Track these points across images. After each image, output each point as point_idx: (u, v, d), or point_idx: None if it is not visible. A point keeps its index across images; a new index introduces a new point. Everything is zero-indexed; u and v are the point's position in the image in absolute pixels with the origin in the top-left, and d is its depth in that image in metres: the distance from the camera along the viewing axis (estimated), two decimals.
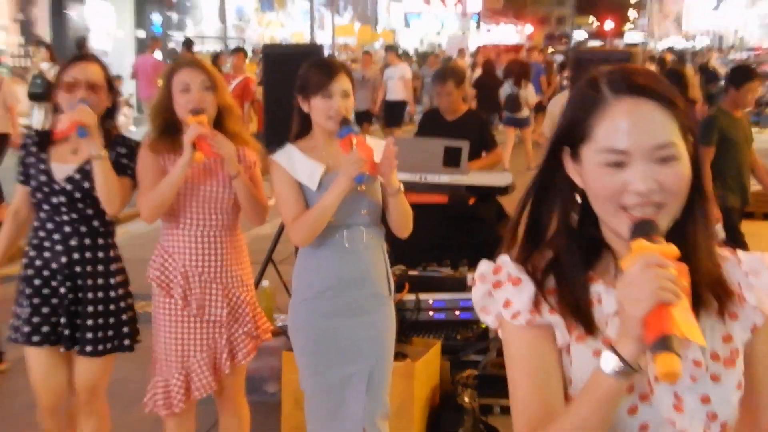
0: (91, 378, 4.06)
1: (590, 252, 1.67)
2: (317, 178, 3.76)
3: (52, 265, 3.99)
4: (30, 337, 4.01)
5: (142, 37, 22.79)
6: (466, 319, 5.80)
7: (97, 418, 4.16)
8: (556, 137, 1.67)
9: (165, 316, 4.00)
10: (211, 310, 3.98)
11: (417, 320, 5.65)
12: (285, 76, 6.72)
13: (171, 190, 3.82)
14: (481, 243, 6.58)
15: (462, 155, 6.28)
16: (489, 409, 5.50)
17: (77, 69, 3.98)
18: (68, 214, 3.97)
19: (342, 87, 3.76)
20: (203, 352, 3.99)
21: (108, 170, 3.87)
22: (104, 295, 4.03)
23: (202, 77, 3.92)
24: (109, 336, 4.03)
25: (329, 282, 3.83)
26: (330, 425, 3.89)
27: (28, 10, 20.35)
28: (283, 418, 5.19)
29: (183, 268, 3.96)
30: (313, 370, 3.91)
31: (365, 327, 3.85)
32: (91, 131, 3.80)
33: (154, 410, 4.05)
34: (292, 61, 6.82)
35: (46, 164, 3.98)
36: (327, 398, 3.90)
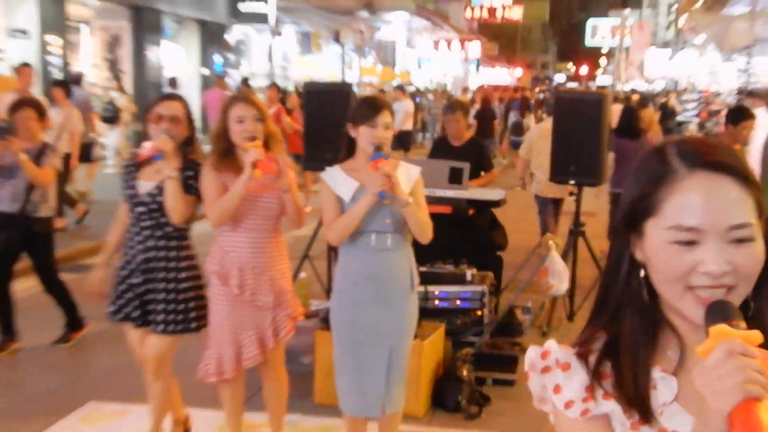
0: (158, 351, 4.10)
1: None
2: (351, 193, 3.81)
3: (136, 260, 4.08)
4: (114, 315, 4.18)
5: (205, 74, 22.84)
6: (465, 307, 5.91)
7: (162, 382, 4.16)
8: (622, 213, 1.29)
9: (221, 301, 3.99)
10: (260, 296, 3.98)
11: (425, 308, 5.61)
12: (321, 107, 6.75)
13: (236, 200, 3.84)
14: (478, 246, 6.61)
15: (463, 175, 6.38)
16: (483, 380, 5.48)
17: (163, 106, 4.14)
18: (147, 221, 4.06)
19: (384, 120, 3.82)
20: (252, 330, 3.99)
21: (176, 188, 3.94)
22: (174, 286, 4.07)
23: (254, 111, 3.96)
24: (177, 320, 4.07)
25: (359, 276, 3.86)
26: (356, 393, 3.89)
27: (115, 51, 20.44)
28: (316, 385, 5.20)
29: (239, 263, 3.96)
30: (344, 347, 3.93)
31: (387, 314, 3.86)
32: (167, 155, 3.89)
33: (205, 378, 4.06)
34: (327, 96, 6.88)
35: (135, 181, 4.10)
36: (353, 370, 3.89)
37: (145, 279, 4.06)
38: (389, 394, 3.88)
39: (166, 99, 4.27)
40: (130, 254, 4.11)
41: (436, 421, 5.00)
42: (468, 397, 5.13)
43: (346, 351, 3.91)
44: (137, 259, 4.07)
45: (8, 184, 5.58)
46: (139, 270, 4.07)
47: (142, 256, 4.06)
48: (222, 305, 3.99)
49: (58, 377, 5.65)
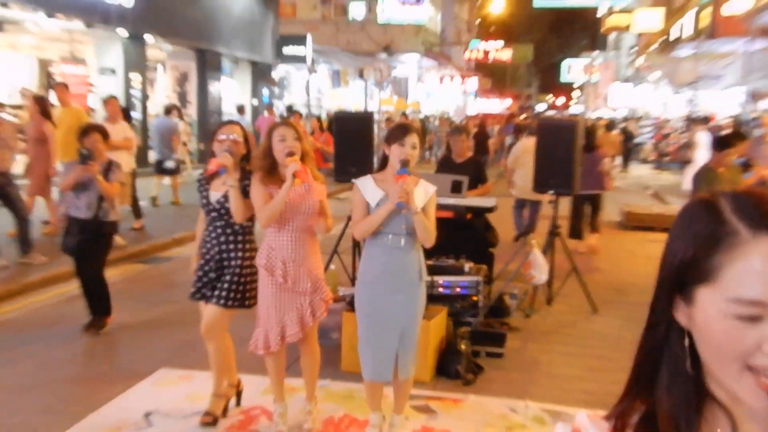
0: (213, 319, 4.12)
1: None
2: (377, 200, 3.79)
3: (211, 252, 4.15)
4: (194, 295, 4.24)
5: (255, 104, 22.94)
6: (464, 294, 5.91)
7: (217, 346, 4.19)
8: (667, 273, 0.92)
9: (269, 288, 3.98)
10: (301, 284, 3.97)
11: (431, 294, 5.60)
12: (348, 131, 6.75)
13: (280, 205, 3.84)
14: (474, 244, 6.59)
15: (463, 186, 6.35)
16: (477, 353, 5.45)
17: (225, 129, 4.21)
18: (218, 222, 4.14)
19: (412, 141, 3.80)
20: (294, 311, 3.98)
21: (237, 195, 3.99)
22: (239, 271, 4.11)
23: (293, 132, 3.97)
24: (237, 297, 4.10)
25: (378, 270, 3.84)
26: (375, 362, 3.88)
27: (183, 86, 20.57)
28: (343, 356, 5.19)
29: (282, 258, 3.95)
30: (365, 326, 3.91)
31: (400, 301, 3.83)
32: (228, 170, 3.97)
33: (254, 351, 4.05)
34: (353, 122, 6.90)
35: (207, 192, 4.17)
36: (373, 345, 3.88)
37: (218, 267, 4.12)
38: (402, 364, 3.86)
39: (228, 124, 4.32)
40: (207, 248, 4.17)
41: (440, 386, 4.97)
42: (465, 366, 5.11)
43: (367, 329, 3.89)
44: (212, 251, 4.13)
45: (84, 196, 5.64)
46: (213, 260, 4.13)
47: (216, 249, 4.12)
48: (269, 292, 3.98)
49: (134, 350, 5.66)
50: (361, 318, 3.93)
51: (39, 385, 4.87)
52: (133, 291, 7.42)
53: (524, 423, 4.42)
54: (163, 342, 5.70)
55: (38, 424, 4.24)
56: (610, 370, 5.44)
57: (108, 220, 5.78)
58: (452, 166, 7.06)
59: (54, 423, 4.22)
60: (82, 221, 5.67)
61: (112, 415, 4.38)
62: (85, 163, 5.52)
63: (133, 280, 7.88)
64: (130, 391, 4.74)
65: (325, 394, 4.68)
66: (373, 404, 4.05)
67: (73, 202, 5.69)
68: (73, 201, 5.69)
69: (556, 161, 6.86)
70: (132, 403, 4.56)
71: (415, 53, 37.28)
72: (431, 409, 4.56)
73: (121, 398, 4.63)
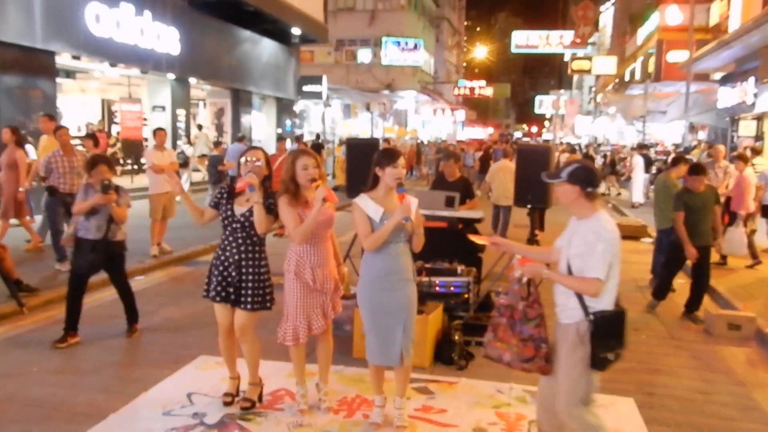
0: (244, 322, 4.01)
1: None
2: (379, 216, 3.69)
3: (230, 259, 3.96)
4: (215, 298, 4.03)
5: (279, 132, 22.95)
6: (457, 292, 5.81)
7: (248, 342, 4.08)
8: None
9: (297, 289, 3.89)
10: (325, 285, 3.92)
11: (429, 292, 5.56)
12: (358, 155, 6.69)
13: (313, 224, 3.78)
14: (465, 250, 6.46)
15: (455, 201, 6.27)
16: (469, 343, 5.33)
17: (250, 153, 4.02)
18: (240, 233, 3.96)
19: (401, 162, 3.74)
20: (319, 308, 3.92)
21: (261, 211, 3.86)
22: (259, 277, 3.98)
23: (313, 161, 3.89)
24: (259, 300, 3.98)
25: (381, 272, 3.75)
26: (380, 351, 3.80)
27: (220, 118, 20.61)
28: (354, 345, 5.10)
29: (310, 264, 3.88)
30: (369, 321, 3.82)
31: (399, 297, 3.74)
32: (255, 188, 3.82)
33: (283, 342, 3.96)
34: (361, 147, 6.83)
35: (231, 206, 3.98)
36: (377, 336, 3.79)
37: (238, 272, 3.96)
38: (407, 350, 3.78)
39: (252, 149, 4.11)
40: (226, 255, 3.98)
41: (437, 371, 4.87)
42: (459, 354, 5.03)
43: (373, 322, 3.79)
44: (233, 258, 3.94)
45: (93, 219, 5.28)
46: (233, 265, 3.95)
47: (237, 256, 3.94)
48: (298, 293, 3.89)
49: (179, 339, 5.58)
50: (365, 313, 3.83)
51: (99, 369, 4.80)
52: (178, 289, 7.34)
53: (509, 402, 4.33)
54: (203, 332, 5.61)
55: (99, 401, 4.17)
56: None
57: (116, 240, 5.42)
58: (445, 185, 7.03)
59: (111, 401, 4.15)
60: (92, 242, 5.29)
61: (160, 394, 4.30)
62: (106, 193, 5.15)
63: (178, 280, 7.81)
64: (176, 375, 4.66)
65: (339, 377, 4.59)
66: (377, 388, 3.96)
67: (83, 225, 5.30)
68: (83, 223, 5.30)
69: (532, 180, 6.78)
70: (177, 384, 4.49)
71: (412, 90, 37.42)
72: (429, 390, 4.47)
73: (167, 380, 4.55)
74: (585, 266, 3.03)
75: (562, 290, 3.18)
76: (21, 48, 11.51)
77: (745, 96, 16.15)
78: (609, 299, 3.10)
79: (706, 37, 21.34)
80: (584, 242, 3.04)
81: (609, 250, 3.02)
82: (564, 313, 3.18)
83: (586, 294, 3.07)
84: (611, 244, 3.04)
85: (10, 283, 6.12)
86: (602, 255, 3.00)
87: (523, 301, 3.25)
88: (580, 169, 3.14)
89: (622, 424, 4.04)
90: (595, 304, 3.08)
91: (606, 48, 46.21)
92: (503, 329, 3.30)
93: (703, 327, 6.30)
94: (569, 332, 3.13)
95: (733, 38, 15.35)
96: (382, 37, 35.29)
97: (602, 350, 3.08)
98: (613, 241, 3.05)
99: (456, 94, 48.92)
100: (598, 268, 3.00)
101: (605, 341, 3.07)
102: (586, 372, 3.13)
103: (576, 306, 3.11)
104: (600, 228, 3.06)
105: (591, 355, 3.09)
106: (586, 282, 3.03)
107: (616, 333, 3.11)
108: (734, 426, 4.15)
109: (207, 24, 17.68)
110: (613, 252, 3.05)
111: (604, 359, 3.09)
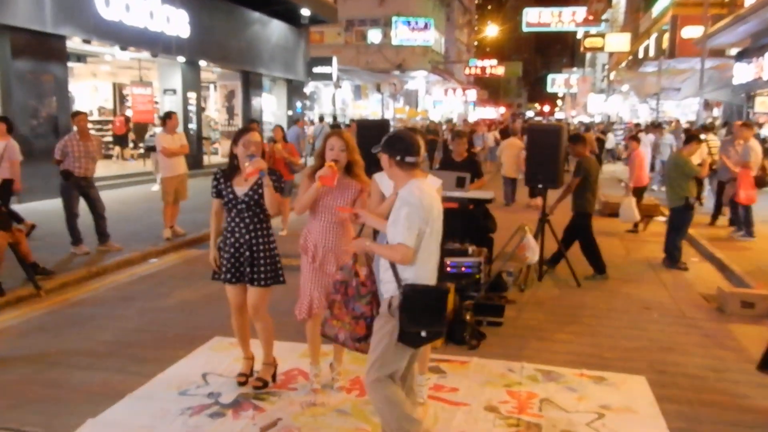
0: (257, 300, 4.03)
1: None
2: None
3: (240, 240, 3.95)
4: (230, 279, 4.03)
5: (290, 114, 22.90)
6: (468, 272, 5.80)
7: (262, 321, 4.11)
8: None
9: (304, 266, 3.95)
10: (327, 267, 3.90)
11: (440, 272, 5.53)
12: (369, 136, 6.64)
13: (307, 198, 3.81)
14: (476, 230, 6.48)
15: (466, 181, 6.21)
16: (480, 322, 5.37)
17: (246, 137, 3.92)
18: (247, 212, 3.93)
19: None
20: (322, 288, 3.91)
21: (272, 191, 3.84)
22: (269, 254, 3.99)
23: (340, 143, 3.85)
24: (271, 276, 4.00)
25: None
26: None
27: (231, 101, 20.57)
28: None
29: (314, 242, 3.90)
30: None
31: None
32: (265, 171, 3.80)
33: (300, 315, 3.98)
34: (373, 127, 6.78)
35: (232, 188, 3.94)
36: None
37: (250, 251, 3.95)
38: None
39: (249, 131, 3.98)
40: (236, 237, 3.96)
41: (449, 351, 4.89)
42: (470, 333, 5.04)
43: None
44: (243, 239, 3.93)
45: None
46: (245, 245, 3.94)
47: (247, 236, 3.93)
48: (304, 268, 3.95)
49: (193, 320, 5.64)
50: None
51: (116, 350, 4.86)
52: (191, 271, 7.41)
53: (520, 381, 4.34)
54: (217, 314, 5.67)
55: (116, 382, 4.23)
56: (590, 334, 5.36)
57: None
58: (453, 164, 6.95)
59: (128, 381, 4.21)
60: None
61: (175, 374, 4.36)
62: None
63: (191, 263, 7.87)
64: (191, 355, 4.72)
65: (352, 357, 4.60)
66: None
67: None
68: None
69: (543, 159, 6.75)
70: (192, 365, 4.54)
71: (423, 70, 37.13)
72: (442, 369, 4.49)
73: (183, 361, 4.61)
74: (393, 233, 2.95)
75: (382, 264, 3.09)
76: (32, 32, 11.54)
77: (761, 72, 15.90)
78: (423, 272, 2.99)
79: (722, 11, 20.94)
80: (394, 210, 2.98)
81: (414, 214, 2.90)
82: (383, 287, 3.10)
83: (394, 260, 2.96)
84: (417, 208, 2.91)
85: (27, 267, 6.21)
86: (406, 219, 2.89)
87: (356, 277, 3.23)
88: (392, 138, 3.08)
89: (633, 402, 4.05)
90: (407, 276, 2.97)
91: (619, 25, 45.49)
92: (338, 306, 3.28)
93: (716, 305, 6.27)
94: (383, 306, 3.06)
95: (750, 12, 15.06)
96: (392, 17, 34.96)
97: (411, 325, 2.95)
98: (419, 207, 2.92)
99: (467, 74, 48.50)
100: (401, 232, 2.90)
101: (413, 315, 2.93)
102: (396, 347, 3.00)
103: (391, 279, 3.01)
104: (406, 193, 2.96)
105: (400, 329, 2.96)
106: (393, 248, 2.92)
107: (428, 309, 2.97)
108: (746, 403, 4.14)
109: (216, 6, 17.60)
110: (421, 218, 2.93)
111: (416, 335, 2.97)
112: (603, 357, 4.83)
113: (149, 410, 3.81)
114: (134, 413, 3.78)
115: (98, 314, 5.68)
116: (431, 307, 2.99)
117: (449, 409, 3.90)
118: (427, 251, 3.01)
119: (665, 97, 26.24)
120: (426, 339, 3.04)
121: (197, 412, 3.80)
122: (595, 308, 6.13)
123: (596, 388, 4.26)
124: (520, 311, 5.96)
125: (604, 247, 7.54)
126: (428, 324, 2.99)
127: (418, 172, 3.06)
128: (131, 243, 8.27)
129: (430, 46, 37.46)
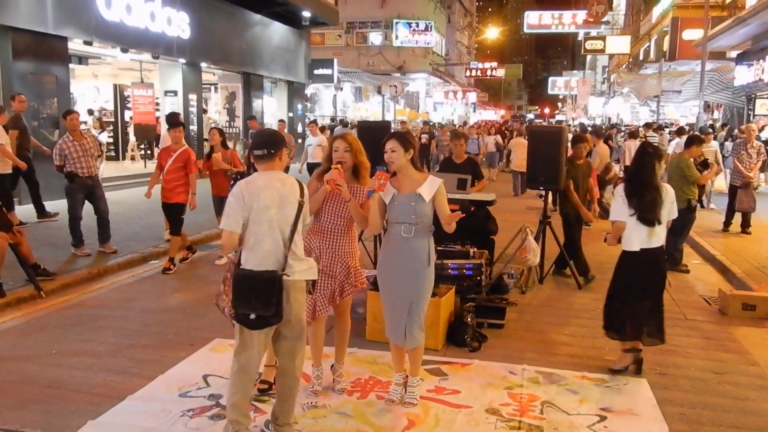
0: None
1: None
2: (389, 196, 3.78)
3: None
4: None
5: (290, 116, 22.89)
6: (469, 274, 5.82)
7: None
8: None
9: None
10: (332, 269, 3.92)
11: (441, 275, 5.55)
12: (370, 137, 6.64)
13: (315, 200, 3.83)
14: (478, 232, 6.48)
15: (467, 183, 6.21)
16: (481, 324, 5.36)
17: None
18: None
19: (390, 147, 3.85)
20: (328, 290, 3.92)
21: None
22: None
23: (345, 144, 3.91)
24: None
25: (391, 253, 3.82)
26: (389, 328, 3.88)
27: (232, 103, 20.57)
28: (367, 327, 5.13)
29: (319, 244, 3.92)
30: (383, 299, 3.91)
31: (409, 280, 3.77)
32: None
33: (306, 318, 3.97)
34: (372, 129, 6.79)
35: None
36: (386, 314, 3.91)
37: None
38: (409, 334, 3.81)
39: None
40: None
41: (450, 353, 4.88)
42: (471, 335, 5.03)
43: (383, 300, 3.90)
44: None
45: None
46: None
47: None
48: None
49: (194, 322, 5.63)
50: (381, 293, 3.93)
51: (116, 352, 4.86)
52: (192, 273, 7.40)
53: (522, 383, 4.33)
54: (218, 315, 5.63)
55: (116, 383, 4.23)
56: (590, 336, 5.35)
57: None
58: (453, 166, 6.95)
59: (129, 382, 4.21)
60: None
61: (176, 376, 4.35)
62: None
63: (191, 264, 7.86)
64: (192, 357, 4.71)
65: (353, 359, 4.62)
66: (397, 366, 4.00)
67: None
68: None
69: (544, 162, 6.73)
70: (193, 366, 4.53)
71: (424, 72, 37.16)
72: (443, 372, 4.49)
73: (184, 362, 4.60)
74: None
75: None
76: (33, 33, 11.55)
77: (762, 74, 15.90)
78: (251, 257, 3.19)
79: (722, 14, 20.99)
80: None
81: (232, 202, 3.17)
82: None
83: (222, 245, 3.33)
84: (237, 198, 3.16)
85: (28, 268, 6.21)
86: (227, 207, 3.20)
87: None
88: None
89: (635, 405, 4.04)
90: (241, 261, 3.22)
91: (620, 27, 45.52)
92: (227, 283, 3.40)
93: (717, 307, 6.26)
94: None
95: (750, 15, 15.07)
96: (393, 19, 35.02)
97: (238, 305, 3.18)
98: (239, 196, 3.16)
99: (468, 76, 48.55)
100: (222, 220, 3.24)
101: (240, 297, 3.16)
102: (241, 328, 3.24)
103: None
104: (235, 186, 3.26)
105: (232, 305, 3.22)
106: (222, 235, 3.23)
107: (253, 292, 3.14)
108: (748, 405, 4.13)
109: (217, 7, 17.61)
110: (241, 205, 3.16)
111: (244, 315, 3.17)
112: (604, 359, 4.82)
113: (150, 411, 3.80)
114: (135, 414, 3.77)
115: (99, 315, 5.68)
116: (256, 291, 3.14)
117: (450, 411, 3.89)
118: (254, 237, 3.18)
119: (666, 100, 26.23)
120: (255, 322, 3.18)
121: (198, 413, 3.80)
122: (596, 310, 6.09)
123: (598, 391, 4.25)
124: (522, 313, 5.95)
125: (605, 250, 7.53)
126: (255, 308, 3.15)
127: (268, 165, 3.27)
128: (132, 244, 8.26)
129: (430, 48, 37.51)
